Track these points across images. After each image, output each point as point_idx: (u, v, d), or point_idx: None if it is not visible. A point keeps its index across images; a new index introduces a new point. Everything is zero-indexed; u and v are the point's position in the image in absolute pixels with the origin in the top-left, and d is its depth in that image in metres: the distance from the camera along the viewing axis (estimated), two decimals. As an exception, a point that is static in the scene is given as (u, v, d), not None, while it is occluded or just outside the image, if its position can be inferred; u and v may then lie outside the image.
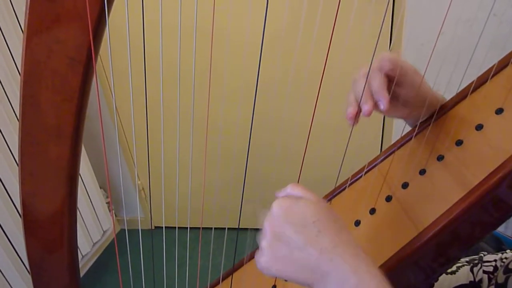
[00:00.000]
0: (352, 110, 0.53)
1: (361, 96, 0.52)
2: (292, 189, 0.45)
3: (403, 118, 0.63)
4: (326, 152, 1.57)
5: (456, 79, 0.60)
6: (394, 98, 0.57)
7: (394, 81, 0.54)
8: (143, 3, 0.46)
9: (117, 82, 0.81)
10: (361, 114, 0.53)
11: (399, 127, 0.66)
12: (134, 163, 2.00)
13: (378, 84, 0.52)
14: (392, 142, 0.65)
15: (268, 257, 0.40)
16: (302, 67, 1.59)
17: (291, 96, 1.78)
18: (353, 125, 0.54)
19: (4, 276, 1.43)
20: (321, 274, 0.38)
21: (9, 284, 1.46)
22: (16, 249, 1.46)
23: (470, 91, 0.57)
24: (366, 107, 0.52)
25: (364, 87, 0.52)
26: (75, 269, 0.61)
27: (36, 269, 0.59)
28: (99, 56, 0.45)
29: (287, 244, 0.40)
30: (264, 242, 0.41)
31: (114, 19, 0.45)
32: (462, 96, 0.58)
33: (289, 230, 0.40)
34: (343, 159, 0.59)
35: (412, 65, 0.56)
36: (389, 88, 0.55)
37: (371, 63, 0.52)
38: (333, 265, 0.38)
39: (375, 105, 0.53)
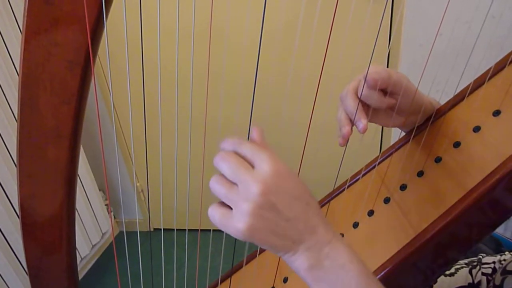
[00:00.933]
0: (347, 129, 0.53)
1: (355, 114, 0.52)
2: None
3: (399, 126, 0.63)
4: (325, 152, 1.57)
5: (454, 80, 0.60)
6: (389, 107, 0.57)
7: (389, 92, 0.54)
8: (141, 4, 0.46)
9: (115, 84, 0.81)
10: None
11: (398, 129, 0.66)
12: (132, 165, 2.00)
13: (354, 111, 0.52)
14: (391, 144, 0.65)
15: (250, 224, 0.36)
16: (300, 67, 1.59)
17: (290, 96, 1.78)
18: (346, 145, 0.53)
19: (3, 278, 1.43)
20: (299, 243, 0.39)
21: (8, 286, 1.45)
22: (15, 251, 1.46)
23: (468, 93, 0.57)
24: (361, 124, 0.51)
25: (358, 104, 0.52)
26: (74, 271, 0.61)
27: (35, 272, 0.59)
28: (97, 58, 0.45)
29: (277, 215, 0.37)
30: (250, 207, 0.36)
31: (112, 21, 0.45)
32: (459, 98, 0.59)
33: (284, 201, 0.37)
34: (342, 160, 0.59)
35: (404, 75, 0.55)
36: (384, 98, 0.55)
37: (365, 78, 0.51)
38: (313, 236, 0.39)
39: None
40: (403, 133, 0.66)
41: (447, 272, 0.75)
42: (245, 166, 0.38)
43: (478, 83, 0.57)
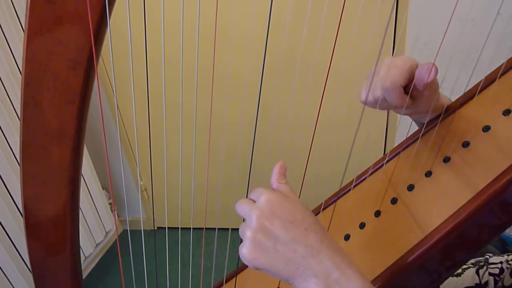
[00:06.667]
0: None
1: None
2: (278, 186, 0.46)
3: (408, 114, 0.62)
4: (330, 150, 1.56)
5: (463, 79, 0.59)
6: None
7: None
8: (145, 3, 0.45)
9: (119, 83, 0.81)
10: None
11: (403, 127, 0.65)
12: (136, 163, 2.00)
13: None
14: (396, 138, 0.65)
15: (251, 248, 0.40)
16: (307, 65, 1.58)
17: (296, 94, 1.77)
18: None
19: (8, 278, 1.43)
20: (304, 269, 0.39)
21: (12, 286, 1.46)
22: (19, 250, 1.46)
23: (477, 91, 0.56)
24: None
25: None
26: (78, 271, 0.61)
27: (38, 272, 0.58)
28: (100, 58, 0.45)
29: (273, 238, 0.40)
30: (249, 232, 0.41)
31: (116, 20, 0.45)
32: (469, 96, 0.58)
33: (278, 224, 0.40)
34: (349, 158, 0.58)
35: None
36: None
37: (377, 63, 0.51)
38: (317, 260, 0.39)
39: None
40: (409, 133, 0.65)
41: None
42: (249, 204, 0.43)
43: (488, 82, 0.56)
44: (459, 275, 0.74)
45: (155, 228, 2.18)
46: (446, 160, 0.54)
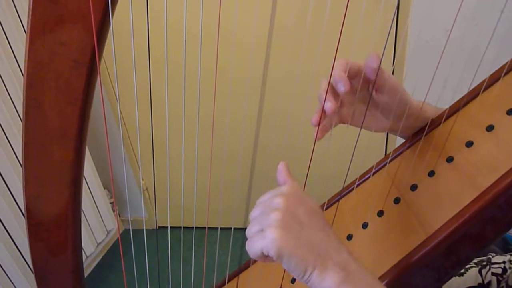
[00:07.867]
0: (316, 116, 0.53)
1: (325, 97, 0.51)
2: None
3: (383, 131, 0.61)
4: (332, 150, 1.56)
5: (467, 78, 0.59)
6: (374, 106, 0.57)
7: (374, 85, 0.54)
8: (148, 3, 0.45)
9: (121, 82, 0.81)
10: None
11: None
12: (138, 162, 2.00)
13: (337, 72, 0.52)
14: (397, 139, 0.64)
15: (279, 229, 0.38)
16: (309, 65, 1.58)
17: (298, 94, 1.77)
18: (316, 137, 0.54)
19: (9, 278, 1.43)
20: (325, 257, 0.39)
21: (14, 285, 1.46)
22: (21, 250, 1.46)
23: (481, 90, 0.56)
24: (329, 103, 0.51)
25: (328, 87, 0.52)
26: (80, 271, 0.61)
27: (40, 272, 0.58)
28: (102, 58, 0.45)
29: (299, 223, 0.40)
30: (277, 214, 0.39)
31: (118, 20, 0.45)
32: (472, 96, 0.57)
33: (303, 211, 0.41)
34: (351, 158, 0.58)
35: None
36: (368, 94, 0.56)
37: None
38: (338, 251, 0.40)
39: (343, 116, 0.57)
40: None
41: (456, 272, 0.74)
42: (267, 196, 0.44)
43: (492, 81, 0.56)
44: (461, 274, 0.73)
45: (157, 227, 2.18)
46: (450, 160, 0.54)
